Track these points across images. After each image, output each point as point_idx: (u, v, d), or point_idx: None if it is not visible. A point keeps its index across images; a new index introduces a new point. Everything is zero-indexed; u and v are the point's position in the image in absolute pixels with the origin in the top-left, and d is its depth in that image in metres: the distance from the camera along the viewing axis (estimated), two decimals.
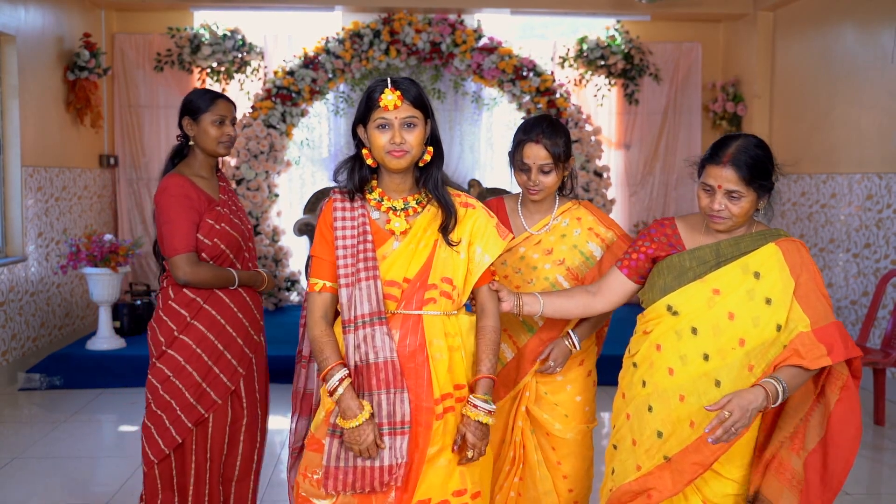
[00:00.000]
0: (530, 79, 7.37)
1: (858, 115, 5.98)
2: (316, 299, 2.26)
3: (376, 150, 2.21)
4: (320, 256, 2.28)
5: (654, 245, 2.41)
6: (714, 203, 2.25)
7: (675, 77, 7.91)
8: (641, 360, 2.38)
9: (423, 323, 2.22)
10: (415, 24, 7.29)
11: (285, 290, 7.65)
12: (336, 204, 2.29)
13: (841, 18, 6.28)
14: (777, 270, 2.25)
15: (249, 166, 7.31)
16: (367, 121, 2.22)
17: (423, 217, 2.30)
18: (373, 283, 2.19)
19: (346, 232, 2.25)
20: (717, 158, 2.25)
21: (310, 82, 7.29)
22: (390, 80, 2.22)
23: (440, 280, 2.25)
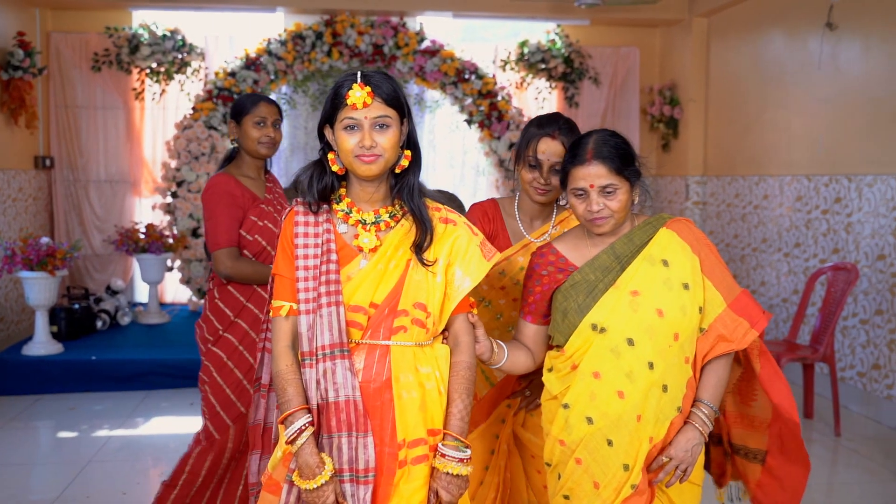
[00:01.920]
0: (472, 81, 7.44)
1: (788, 119, 6.18)
2: (282, 325, 1.98)
3: (344, 154, 1.95)
4: (283, 275, 2.00)
5: (546, 279, 2.23)
6: (591, 205, 2.11)
7: (614, 80, 8.06)
8: (575, 398, 2.14)
9: (390, 355, 1.95)
10: (357, 26, 7.30)
11: None
12: (298, 217, 2.01)
13: (771, 25, 6.48)
14: (681, 252, 2.16)
15: (190, 168, 7.24)
16: (334, 120, 1.96)
17: (395, 233, 2.02)
18: (335, 310, 1.92)
19: (307, 250, 1.98)
20: (581, 158, 2.12)
21: (251, 84, 7.25)
22: (360, 74, 1.95)
23: (412, 306, 1.97)
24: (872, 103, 5.29)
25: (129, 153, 7.66)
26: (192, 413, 5.23)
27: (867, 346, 5.27)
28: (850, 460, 4.57)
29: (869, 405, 5.26)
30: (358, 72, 1.96)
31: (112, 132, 7.62)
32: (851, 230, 5.45)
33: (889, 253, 5.08)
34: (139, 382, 5.77)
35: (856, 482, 4.28)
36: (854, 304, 5.38)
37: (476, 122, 7.53)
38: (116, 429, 4.94)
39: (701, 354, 2.15)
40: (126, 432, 4.90)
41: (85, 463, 4.36)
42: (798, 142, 6.08)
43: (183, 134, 7.23)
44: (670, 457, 2.08)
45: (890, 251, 5.07)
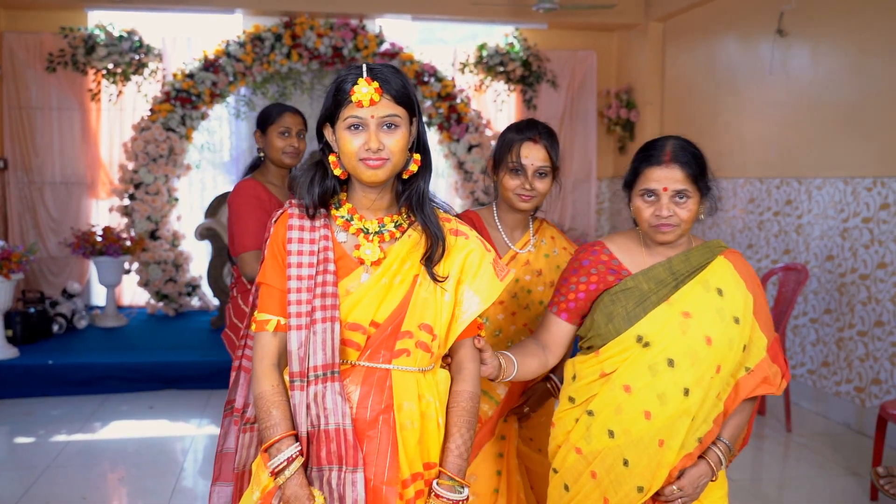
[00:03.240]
0: (431, 84, 7.48)
1: (740, 122, 6.32)
2: (268, 342, 1.76)
3: (347, 156, 1.74)
4: (272, 285, 1.78)
5: (595, 278, 2.10)
6: (662, 209, 2.00)
7: (572, 84, 8.16)
8: (601, 406, 2.03)
9: (391, 380, 1.75)
10: (316, 28, 7.31)
11: (186, 296, 7.55)
12: (292, 220, 1.80)
13: (725, 30, 6.62)
14: (735, 286, 2.06)
15: (148, 170, 7.19)
16: (336, 119, 1.75)
17: (401, 244, 1.81)
18: (330, 327, 1.71)
19: (301, 258, 1.76)
20: (658, 158, 2.02)
21: (210, 85, 7.22)
22: (366, 68, 1.74)
23: (417, 327, 1.76)
24: (821, 108, 5.44)
25: (85, 155, 7.58)
26: (151, 416, 5.20)
27: (817, 344, 5.42)
28: (801, 455, 4.70)
29: (818, 401, 5.41)
30: (363, 65, 1.76)
31: (67, 133, 7.53)
32: (802, 232, 5.60)
33: (837, 254, 5.23)
34: (97, 386, 5.71)
35: (806, 476, 4.40)
36: (804, 304, 5.52)
37: (435, 125, 7.58)
38: (74, 433, 4.90)
39: (744, 393, 2.07)
40: (84, 437, 4.86)
41: (43, 468, 4.32)
42: (750, 145, 6.22)
43: (140, 136, 7.18)
44: (681, 488, 2.02)
45: (838, 252, 5.22)
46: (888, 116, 4.84)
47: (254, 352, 1.80)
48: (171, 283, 7.39)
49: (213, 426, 5.05)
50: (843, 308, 5.19)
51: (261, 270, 1.83)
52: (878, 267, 4.89)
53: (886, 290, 4.83)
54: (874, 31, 4.96)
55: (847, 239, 5.15)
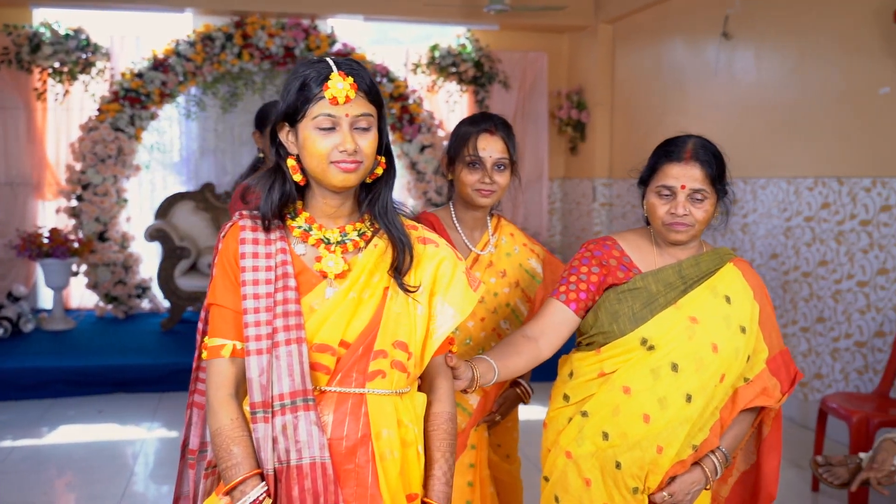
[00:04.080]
0: (384, 84, 7.49)
1: (688, 123, 6.43)
2: (223, 370, 1.58)
3: (315, 158, 1.58)
4: (224, 306, 1.60)
5: (605, 270, 2.03)
6: (678, 207, 1.94)
7: (523, 84, 8.22)
8: (598, 407, 1.97)
9: (366, 406, 1.59)
10: (268, 28, 7.27)
11: (136, 298, 7.46)
12: (244, 234, 1.63)
13: (672, 33, 6.73)
14: (743, 294, 2.02)
15: (96, 170, 7.09)
16: (299, 117, 1.59)
17: (367, 255, 1.66)
18: (296, 349, 1.55)
19: (258, 274, 1.59)
20: (678, 155, 1.97)
21: (159, 85, 7.14)
22: (334, 62, 1.59)
23: (392, 345, 1.61)
24: (764, 110, 5.56)
25: (31, 155, 7.44)
26: (100, 421, 5.14)
27: None
28: None
29: None
30: (328, 58, 1.61)
31: (12, 133, 7.39)
32: (747, 230, 5.72)
33: (781, 252, 5.35)
34: (44, 391, 5.62)
35: None
36: None
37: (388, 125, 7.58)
38: (20, 439, 4.82)
39: (742, 403, 2.02)
40: (31, 442, 4.79)
41: None
42: None
43: (88, 136, 7.07)
44: (672, 493, 1.97)
45: (782, 250, 5.35)
46: (826, 119, 4.98)
47: (207, 382, 1.60)
48: (120, 285, 7.29)
49: (164, 429, 5.00)
50: (787, 305, 5.32)
51: (210, 290, 1.63)
52: (819, 265, 5.02)
53: (827, 288, 4.96)
54: (813, 36, 5.09)
55: (790, 237, 5.28)
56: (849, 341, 4.82)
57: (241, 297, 1.59)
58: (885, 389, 4.21)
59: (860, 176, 4.73)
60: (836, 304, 4.90)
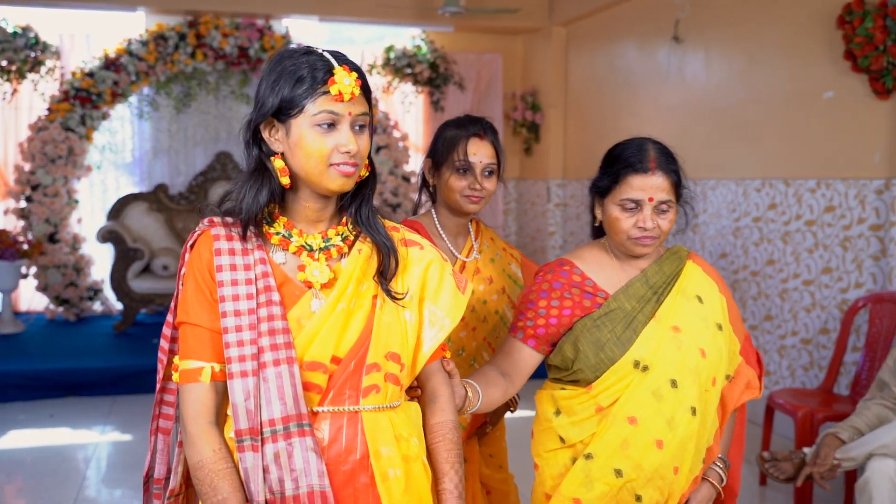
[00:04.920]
0: None
1: (640, 124, 6.53)
2: (201, 396, 1.44)
3: (311, 160, 1.46)
4: (199, 324, 1.46)
5: (569, 303, 1.91)
6: (646, 221, 1.84)
7: (478, 86, 8.27)
8: (603, 446, 1.84)
9: (362, 423, 1.48)
10: (222, 27, 7.22)
11: (87, 300, 7.36)
12: (219, 243, 1.49)
13: (624, 36, 6.83)
14: (710, 290, 1.96)
15: (46, 171, 6.98)
16: (296, 112, 1.46)
17: (352, 261, 1.54)
18: (286, 370, 1.42)
19: (237, 289, 1.45)
20: (643, 165, 1.86)
21: (111, 84, 7.05)
22: (332, 56, 1.48)
23: (384, 357, 1.51)
24: (714, 112, 5.68)
25: None
26: (51, 425, 5.07)
27: None
28: None
29: None
30: (323, 51, 1.49)
31: None
32: (698, 231, 5.83)
33: (730, 252, 5.47)
34: None
35: None
36: None
37: None
38: None
39: (731, 404, 1.96)
40: None
41: None
42: None
43: (38, 136, 6.96)
44: None
45: (731, 250, 5.46)
46: (773, 122, 5.10)
47: (182, 410, 1.45)
48: (71, 288, 7.19)
49: (118, 432, 4.95)
50: (737, 303, 5.43)
51: (179, 307, 1.49)
52: (767, 264, 5.14)
53: (774, 286, 5.08)
54: (761, 41, 5.21)
55: (739, 237, 5.39)
56: (795, 339, 4.94)
57: (218, 315, 1.45)
58: (829, 385, 4.33)
59: (805, 178, 4.86)
60: (783, 302, 5.02)
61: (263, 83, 1.50)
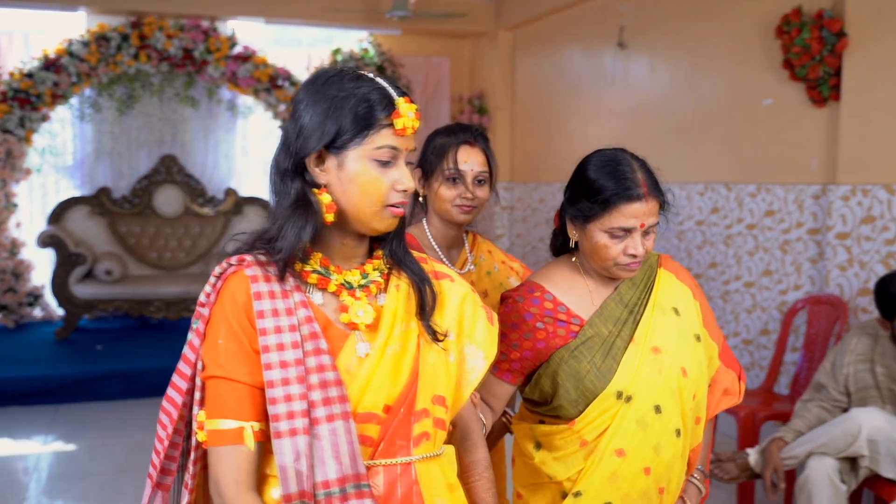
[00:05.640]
0: (286, 88, 7.44)
1: (585, 129, 6.62)
2: (241, 459, 1.29)
3: (368, 198, 1.35)
4: (235, 379, 1.31)
5: (542, 334, 1.79)
6: (636, 247, 1.74)
7: (426, 89, 8.30)
8: (592, 482, 1.75)
9: (416, 475, 1.38)
10: (166, 29, 7.12)
11: (27, 306, 7.20)
12: (258, 286, 1.34)
13: (570, 41, 6.92)
14: (686, 299, 1.87)
15: None
16: (351, 145, 1.35)
17: (393, 298, 1.43)
18: (341, 426, 1.29)
19: (282, 337, 1.30)
20: (636, 192, 1.73)
21: (51, 86, 6.91)
22: (389, 84, 1.40)
23: (431, 402, 1.41)
24: (658, 117, 5.78)
25: None
26: None
27: None
28: None
29: None
30: (376, 77, 1.40)
31: None
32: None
33: (675, 255, 5.57)
34: None
35: None
36: None
37: None
38: None
39: (709, 413, 1.90)
40: None
41: None
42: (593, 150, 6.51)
43: None
44: None
45: (675, 253, 5.57)
46: (715, 127, 5.21)
47: (217, 475, 1.29)
48: (10, 293, 7.02)
49: (61, 442, 4.86)
50: None
51: (208, 359, 1.33)
52: (710, 266, 5.26)
53: (717, 288, 5.19)
54: (703, 48, 5.32)
55: (683, 241, 5.50)
56: (737, 339, 5.06)
57: (256, 367, 1.30)
58: (769, 385, 4.45)
59: (746, 182, 4.98)
60: (725, 304, 5.14)
61: (309, 110, 1.36)
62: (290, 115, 1.41)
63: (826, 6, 4.27)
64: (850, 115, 4.22)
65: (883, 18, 4.03)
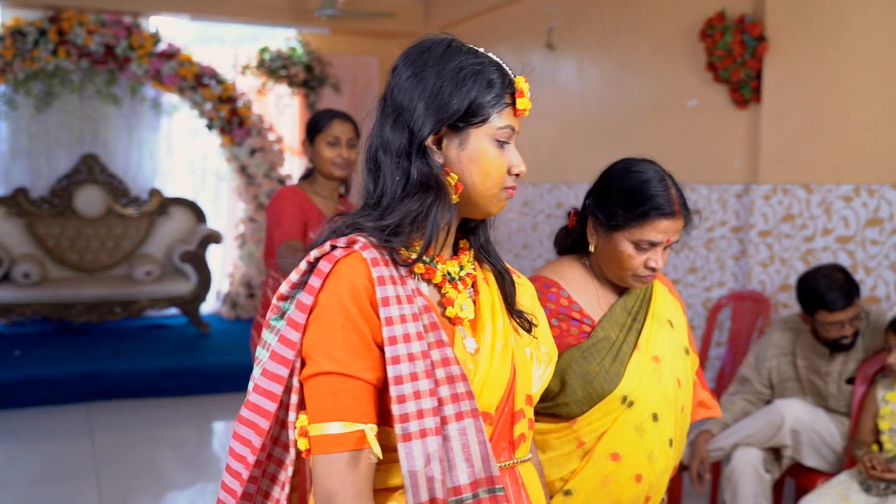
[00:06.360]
0: (212, 86, 7.31)
1: None
2: (361, 468, 1.15)
3: (489, 179, 1.29)
4: (355, 375, 1.17)
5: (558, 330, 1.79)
6: (658, 260, 1.77)
7: (355, 88, 8.25)
8: (583, 483, 1.75)
9: (521, 479, 1.32)
10: (86, 24, 6.92)
11: None
12: (379, 270, 1.20)
13: (499, 42, 6.96)
14: (678, 313, 1.92)
15: None
16: (479, 122, 1.28)
17: (485, 292, 1.35)
18: (471, 424, 1.18)
19: (407, 327, 1.18)
20: (669, 208, 1.77)
21: None
22: (502, 65, 1.33)
23: (525, 401, 1.34)
24: (586, 118, 5.87)
25: None
26: None
27: None
28: None
29: None
30: (493, 55, 1.32)
31: None
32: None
33: None
34: None
35: None
36: None
37: (217, 128, 7.41)
38: None
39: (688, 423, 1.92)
40: None
41: None
42: (524, 151, 6.48)
43: None
44: None
45: None
46: (642, 128, 5.31)
47: (332, 487, 1.13)
48: None
49: None
50: None
51: (322, 355, 1.17)
52: None
53: None
54: (630, 50, 5.42)
55: None
56: None
57: (375, 362, 1.17)
58: None
59: None
60: None
61: (428, 83, 1.27)
62: (396, 88, 1.31)
63: (748, 11, 4.40)
64: (770, 117, 4.35)
65: (801, 23, 4.17)
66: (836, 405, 3.34)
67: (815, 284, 3.23)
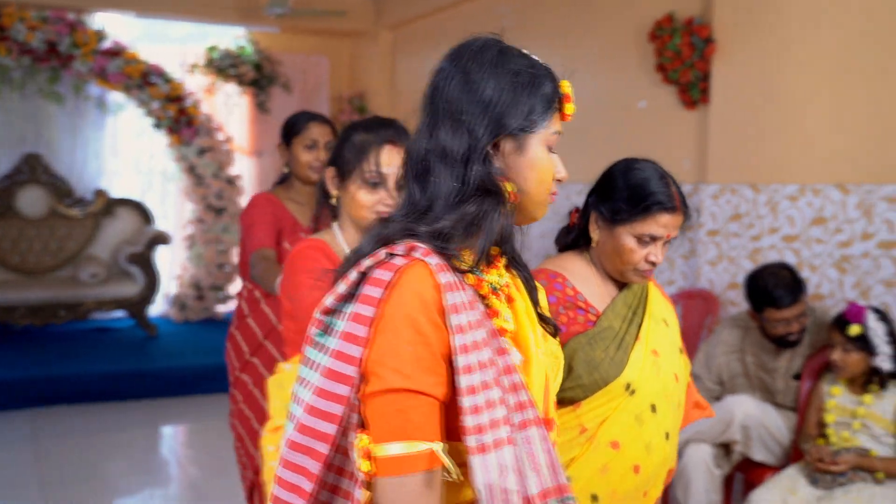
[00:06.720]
0: (159, 85, 7.18)
1: None
2: (432, 488, 1.09)
3: (542, 185, 1.27)
4: (426, 392, 1.10)
5: (565, 318, 1.85)
6: (658, 255, 1.84)
7: (305, 88, 8.19)
8: (582, 469, 1.77)
9: None
10: (27, 20, 6.74)
11: None
12: (444, 276, 1.14)
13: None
14: (671, 314, 1.98)
15: None
16: (536, 128, 1.25)
17: (521, 300, 1.32)
18: (536, 433, 1.14)
19: (475, 335, 1.13)
20: (671, 203, 1.84)
21: None
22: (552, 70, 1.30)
23: (554, 408, 1.35)
24: None
25: None
26: None
27: None
28: None
29: None
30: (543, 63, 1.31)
31: None
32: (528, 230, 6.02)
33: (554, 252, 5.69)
34: None
35: None
36: None
37: (164, 128, 7.28)
38: None
39: (683, 423, 1.97)
40: None
41: None
42: None
43: None
44: None
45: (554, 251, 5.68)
46: (594, 128, 5.35)
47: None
48: None
49: None
50: None
51: (390, 371, 1.09)
52: None
53: None
54: (581, 51, 5.46)
55: None
56: None
57: (443, 377, 1.11)
58: None
59: None
60: None
61: (487, 85, 1.24)
62: (447, 91, 1.27)
63: (696, 13, 4.46)
64: (718, 118, 4.42)
65: (748, 26, 4.24)
66: (784, 400, 3.40)
67: (763, 282, 3.29)
